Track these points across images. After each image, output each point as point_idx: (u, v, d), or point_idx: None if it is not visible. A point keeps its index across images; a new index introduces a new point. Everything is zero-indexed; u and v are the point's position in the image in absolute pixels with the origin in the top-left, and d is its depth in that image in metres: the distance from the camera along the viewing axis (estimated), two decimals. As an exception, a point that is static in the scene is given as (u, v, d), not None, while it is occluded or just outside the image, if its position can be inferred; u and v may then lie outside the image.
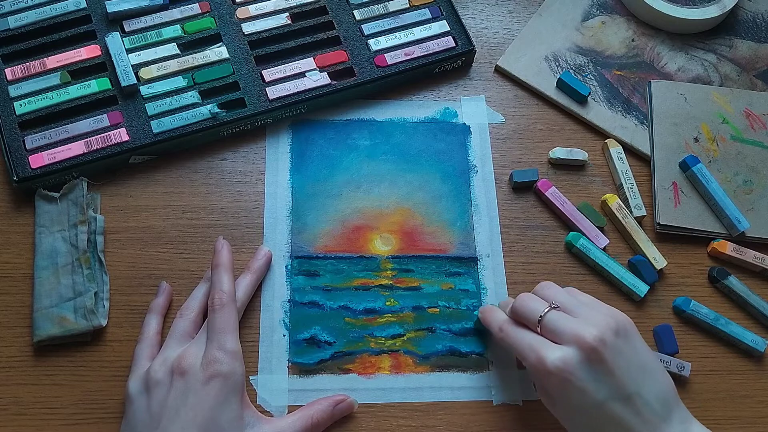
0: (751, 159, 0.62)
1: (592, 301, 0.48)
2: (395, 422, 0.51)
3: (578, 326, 0.44)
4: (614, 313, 0.46)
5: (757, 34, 0.70)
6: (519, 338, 0.46)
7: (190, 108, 0.58)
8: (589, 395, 0.43)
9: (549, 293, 0.48)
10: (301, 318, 0.54)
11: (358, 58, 0.62)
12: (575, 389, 0.43)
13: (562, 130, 0.64)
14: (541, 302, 0.47)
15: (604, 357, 0.43)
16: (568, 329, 0.44)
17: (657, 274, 0.57)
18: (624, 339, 0.45)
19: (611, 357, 0.43)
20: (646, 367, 0.45)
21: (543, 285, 0.50)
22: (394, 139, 0.61)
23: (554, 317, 0.46)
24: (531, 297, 0.48)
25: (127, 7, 0.61)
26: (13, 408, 0.49)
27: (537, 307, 0.47)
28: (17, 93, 0.57)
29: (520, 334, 0.47)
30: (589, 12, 0.69)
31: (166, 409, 0.45)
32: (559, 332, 0.45)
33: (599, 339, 0.43)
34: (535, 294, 0.49)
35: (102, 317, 0.52)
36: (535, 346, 0.45)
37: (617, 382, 0.43)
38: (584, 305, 0.47)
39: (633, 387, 0.43)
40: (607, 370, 0.43)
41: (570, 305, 0.47)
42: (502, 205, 0.60)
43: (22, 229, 0.55)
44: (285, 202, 0.58)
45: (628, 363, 0.44)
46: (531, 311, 0.47)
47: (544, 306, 0.47)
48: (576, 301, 0.47)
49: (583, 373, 0.43)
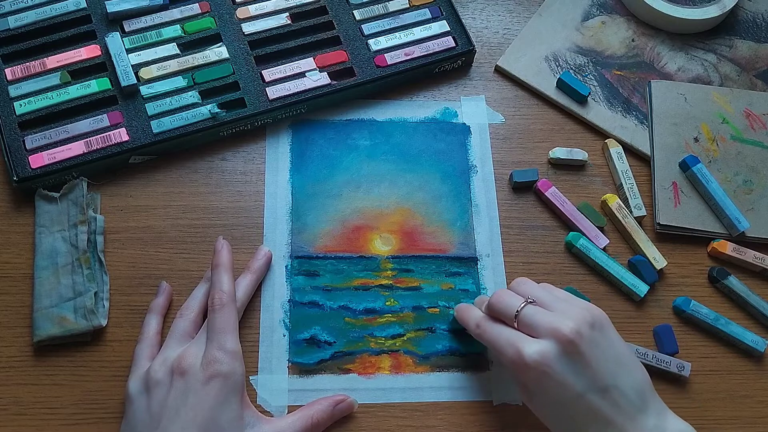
0: (751, 159, 0.62)
1: (567, 296, 0.48)
2: (395, 422, 0.51)
3: (555, 319, 0.45)
4: (590, 306, 0.47)
5: (757, 34, 0.70)
6: (496, 333, 0.47)
7: (190, 108, 0.58)
8: (567, 388, 0.43)
9: (525, 289, 0.49)
10: (301, 318, 0.54)
11: (358, 58, 0.62)
12: (553, 382, 0.43)
13: (562, 130, 0.64)
14: (517, 297, 0.47)
15: (581, 349, 0.43)
16: (544, 322, 0.45)
17: (657, 274, 0.57)
18: (600, 332, 0.45)
19: (588, 349, 0.44)
20: (622, 360, 0.45)
21: (518, 281, 0.50)
22: (394, 139, 0.61)
23: (531, 311, 0.46)
24: (507, 292, 0.48)
25: (127, 7, 0.61)
26: (13, 408, 0.49)
27: (513, 302, 0.47)
28: (17, 93, 0.57)
29: (497, 329, 0.47)
30: (589, 12, 0.69)
31: (166, 409, 0.45)
32: (535, 326, 0.45)
33: (576, 331, 0.44)
34: (511, 290, 0.49)
35: (102, 317, 0.52)
36: (513, 341, 0.45)
37: (594, 374, 0.44)
38: (560, 300, 0.47)
39: (610, 379, 0.44)
40: (585, 362, 0.44)
41: (546, 300, 0.47)
42: (502, 205, 0.60)
43: (22, 229, 0.55)
44: (285, 202, 0.58)
45: (605, 355, 0.44)
46: (507, 306, 0.47)
47: (520, 301, 0.47)
48: (551, 296, 0.48)
49: (561, 365, 0.43)
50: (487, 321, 0.48)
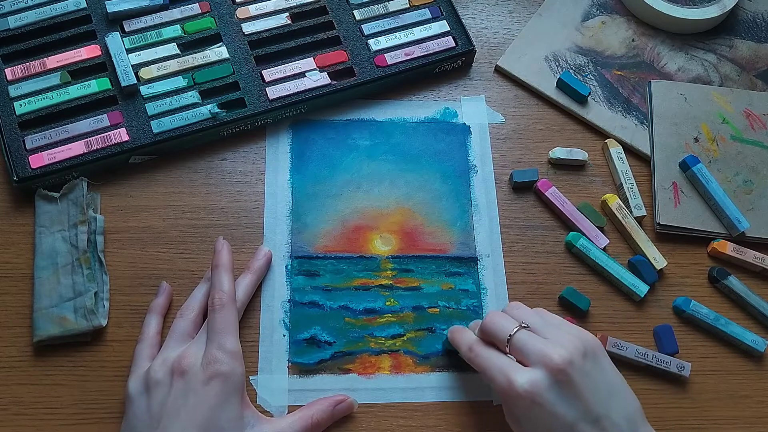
0: (751, 159, 0.62)
1: (561, 323, 0.48)
2: (395, 422, 0.51)
3: (546, 347, 0.44)
4: (582, 334, 0.46)
5: (757, 34, 0.70)
6: (488, 360, 0.46)
7: (190, 108, 0.58)
8: (558, 418, 0.43)
9: (518, 313, 0.48)
10: (301, 318, 0.54)
11: (358, 58, 0.62)
12: (544, 412, 0.43)
13: (562, 130, 0.64)
14: (511, 321, 0.47)
15: (572, 379, 0.43)
16: (536, 350, 0.44)
17: (657, 274, 0.57)
18: (592, 361, 0.45)
19: (579, 379, 0.43)
20: (614, 388, 0.45)
21: (513, 305, 0.49)
22: (394, 139, 0.61)
23: (523, 337, 0.45)
24: (501, 315, 0.48)
25: (127, 7, 0.61)
26: (13, 408, 0.49)
27: (506, 326, 0.46)
28: (17, 93, 0.57)
29: (488, 354, 0.46)
30: (589, 12, 0.69)
31: (166, 409, 0.45)
32: (527, 352, 0.44)
33: (567, 361, 0.43)
34: (506, 313, 0.49)
35: (102, 317, 0.52)
36: (505, 369, 0.44)
37: (586, 404, 0.43)
38: (553, 326, 0.47)
39: (602, 409, 0.43)
40: (576, 392, 0.43)
41: (539, 326, 0.46)
42: (502, 205, 0.60)
43: (22, 229, 0.55)
44: (285, 202, 0.58)
45: (596, 385, 0.44)
46: (500, 330, 0.46)
47: (514, 325, 0.46)
48: (545, 322, 0.47)
49: (552, 396, 0.43)
50: (480, 345, 0.48)
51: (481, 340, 0.48)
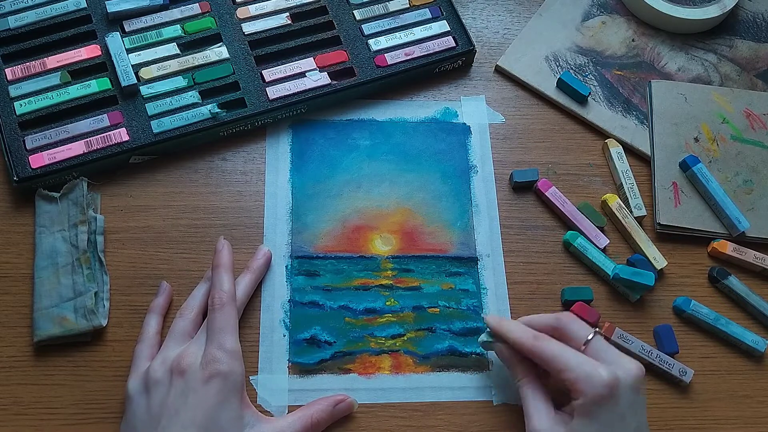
0: (752, 159, 0.62)
1: None
2: (395, 422, 0.51)
3: (624, 357, 0.46)
4: None
5: (757, 34, 0.70)
6: (563, 349, 0.47)
7: (190, 108, 0.58)
8: (624, 420, 0.44)
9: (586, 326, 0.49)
10: (301, 318, 0.54)
11: (358, 58, 0.62)
12: (616, 409, 0.44)
13: (562, 130, 0.64)
14: (587, 326, 0.48)
15: (642, 391, 0.46)
16: (616, 355, 0.46)
17: (657, 274, 0.57)
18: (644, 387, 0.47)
19: (642, 395, 0.46)
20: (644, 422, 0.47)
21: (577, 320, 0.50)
22: (395, 139, 0.61)
23: (602, 342, 0.47)
24: (578, 319, 0.49)
25: (127, 7, 0.61)
26: (13, 408, 0.49)
27: (584, 328, 0.48)
28: (17, 93, 0.57)
29: (562, 346, 0.47)
30: (589, 12, 0.69)
31: (165, 408, 0.45)
32: (607, 355, 0.46)
33: (642, 374, 0.46)
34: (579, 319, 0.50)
35: (102, 317, 0.52)
36: (585, 360, 0.46)
37: (640, 420, 0.46)
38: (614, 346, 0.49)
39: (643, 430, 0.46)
40: (640, 405, 0.46)
41: (606, 341, 0.48)
42: (502, 205, 0.60)
43: (22, 229, 0.55)
44: (285, 202, 0.58)
45: (643, 408, 0.47)
46: (579, 329, 0.48)
47: (590, 330, 0.48)
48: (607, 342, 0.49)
49: (628, 397, 0.45)
50: (547, 337, 0.48)
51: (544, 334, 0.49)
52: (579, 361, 0.46)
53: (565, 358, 0.46)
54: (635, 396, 0.45)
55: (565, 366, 0.46)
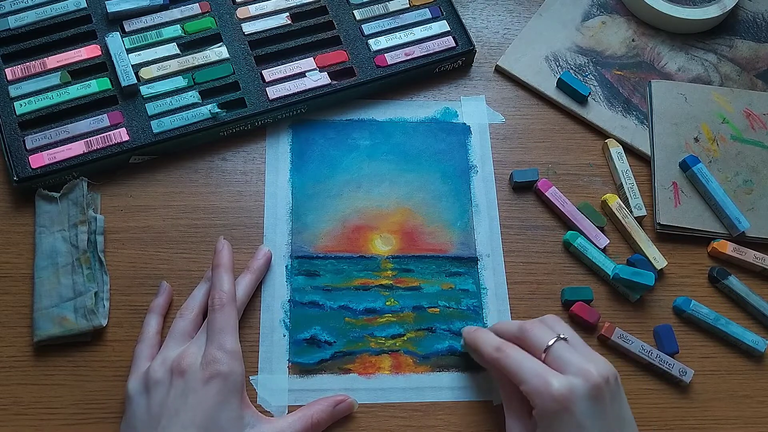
0: (752, 159, 0.62)
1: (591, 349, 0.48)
2: (395, 422, 0.51)
3: (585, 361, 0.45)
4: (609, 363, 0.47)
5: (757, 34, 0.70)
6: (521, 360, 0.46)
7: (190, 108, 0.58)
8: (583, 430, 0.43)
9: (557, 327, 0.48)
10: (301, 318, 0.54)
11: (358, 58, 0.62)
12: (572, 421, 0.43)
13: (562, 130, 0.64)
14: (550, 331, 0.47)
15: (604, 396, 0.44)
16: (575, 361, 0.45)
17: (657, 274, 0.57)
18: (618, 387, 0.46)
19: (609, 399, 0.44)
20: (627, 419, 0.46)
21: (551, 317, 0.49)
22: (395, 139, 0.61)
23: (563, 347, 0.46)
24: (540, 324, 0.48)
25: (127, 7, 0.61)
26: (13, 408, 0.49)
27: (545, 335, 0.47)
28: (17, 93, 0.57)
29: (521, 355, 0.46)
30: (589, 12, 0.69)
31: (165, 408, 0.45)
32: (566, 362, 0.45)
33: (605, 378, 0.44)
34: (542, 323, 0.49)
35: (102, 317, 0.52)
36: (540, 372, 0.44)
37: (608, 425, 0.44)
38: (586, 347, 0.47)
39: None
40: (603, 410, 0.43)
41: (576, 342, 0.47)
42: (502, 205, 0.60)
43: (22, 229, 0.55)
44: (285, 202, 0.58)
45: (618, 410, 0.45)
46: (539, 337, 0.47)
47: (553, 335, 0.46)
48: (580, 341, 0.48)
49: (584, 407, 0.43)
50: (509, 346, 0.47)
51: (509, 342, 0.48)
52: (533, 373, 0.44)
53: (522, 370, 0.45)
54: (594, 404, 0.43)
55: (521, 379, 0.45)
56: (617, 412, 0.45)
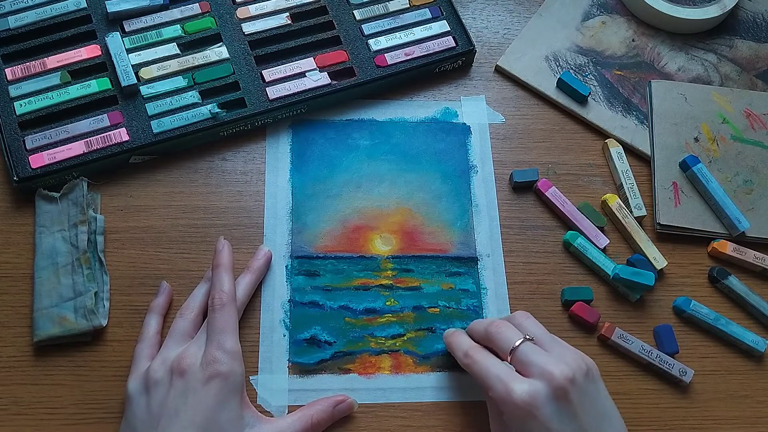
0: (752, 159, 0.62)
1: (563, 342, 0.47)
2: (395, 422, 0.51)
3: (550, 362, 0.44)
4: (584, 356, 0.46)
5: (757, 34, 0.70)
6: (486, 366, 0.45)
7: (190, 108, 0.58)
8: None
9: (525, 324, 0.48)
10: (301, 318, 0.54)
11: (358, 58, 0.62)
12: (538, 426, 0.42)
13: (562, 130, 0.64)
14: (516, 332, 0.47)
15: (570, 397, 0.43)
16: (539, 362, 0.44)
17: (657, 274, 0.57)
18: (591, 383, 0.45)
19: (577, 398, 0.43)
20: (607, 413, 0.45)
21: (520, 314, 0.49)
22: (395, 139, 0.61)
23: (528, 349, 0.45)
24: (507, 325, 0.47)
25: (127, 7, 0.61)
26: (13, 408, 0.49)
27: (512, 336, 0.46)
28: (17, 93, 0.57)
29: (487, 361, 0.46)
30: (589, 12, 0.69)
31: (165, 408, 0.45)
32: (530, 364, 0.44)
33: (569, 378, 0.43)
34: (511, 320, 0.48)
35: (102, 317, 0.52)
36: (503, 377, 0.44)
37: (580, 424, 0.43)
38: (557, 343, 0.47)
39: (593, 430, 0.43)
40: (572, 411, 0.43)
41: (544, 340, 0.46)
42: (502, 205, 0.60)
43: (22, 229, 0.55)
44: (285, 202, 0.58)
45: (592, 407, 0.44)
46: (505, 339, 0.46)
47: (519, 337, 0.46)
48: (550, 338, 0.47)
49: (549, 410, 0.42)
50: (477, 351, 0.47)
51: (479, 346, 0.48)
52: (497, 380, 0.44)
53: (488, 377, 0.45)
54: (560, 406, 0.42)
55: (487, 385, 0.45)
56: (593, 409, 0.44)
